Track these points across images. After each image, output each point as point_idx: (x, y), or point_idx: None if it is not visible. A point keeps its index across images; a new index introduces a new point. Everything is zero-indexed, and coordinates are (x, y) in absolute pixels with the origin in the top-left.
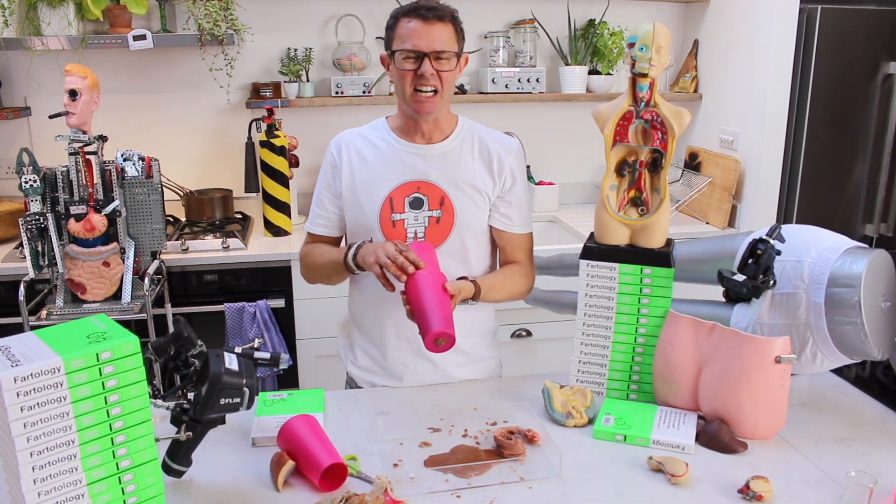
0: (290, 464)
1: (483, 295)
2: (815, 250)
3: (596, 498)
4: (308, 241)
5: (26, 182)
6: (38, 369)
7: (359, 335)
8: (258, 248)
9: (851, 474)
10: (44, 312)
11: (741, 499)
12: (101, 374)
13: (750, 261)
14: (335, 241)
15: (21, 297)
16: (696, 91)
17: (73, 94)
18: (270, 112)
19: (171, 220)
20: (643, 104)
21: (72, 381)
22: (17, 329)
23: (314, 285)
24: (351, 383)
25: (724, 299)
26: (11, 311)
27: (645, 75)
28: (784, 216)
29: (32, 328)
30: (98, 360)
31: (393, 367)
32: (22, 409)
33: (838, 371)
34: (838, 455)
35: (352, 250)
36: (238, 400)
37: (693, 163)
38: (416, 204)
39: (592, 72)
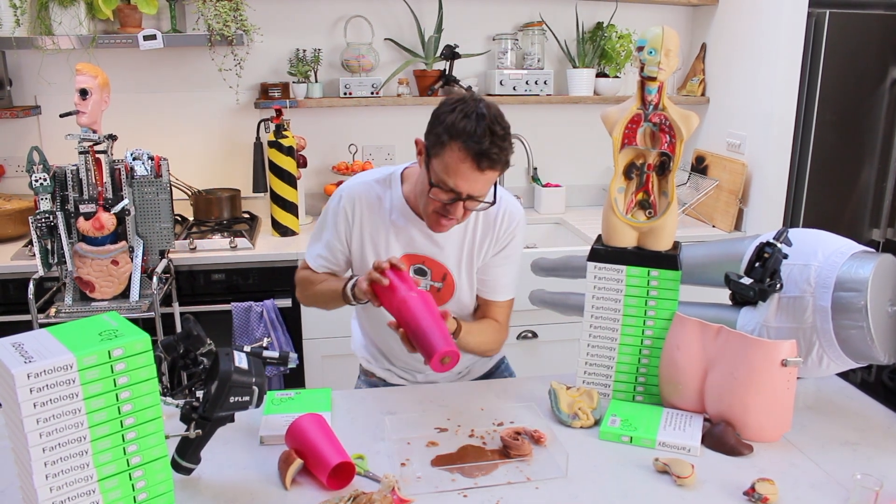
0: (298, 462)
1: (462, 335)
2: (821, 254)
3: (602, 499)
4: (304, 267)
5: (36, 180)
6: (51, 366)
7: (371, 344)
8: (266, 247)
9: (857, 477)
10: (52, 310)
11: (747, 501)
12: (112, 372)
13: (757, 264)
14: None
15: (30, 295)
16: (703, 94)
17: (83, 93)
18: (279, 112)
19: (180, 219)
20: (651, 107)
21: (84, 378)
22: (27, 326)
23: None
24: (368, 374)
25: (730, 302)
26: (21, 308)
27: (654, 79)
28: (791, 220)
29: (41, 326)
30: (110, 358)
31: (404, 372)
32: (35, 406)
33: (844, 375)
34: (844, 458)
35: (351, 282)
36: (247, 398)
37: (700, 166)
38: (421, 272)
39: (600, 74)
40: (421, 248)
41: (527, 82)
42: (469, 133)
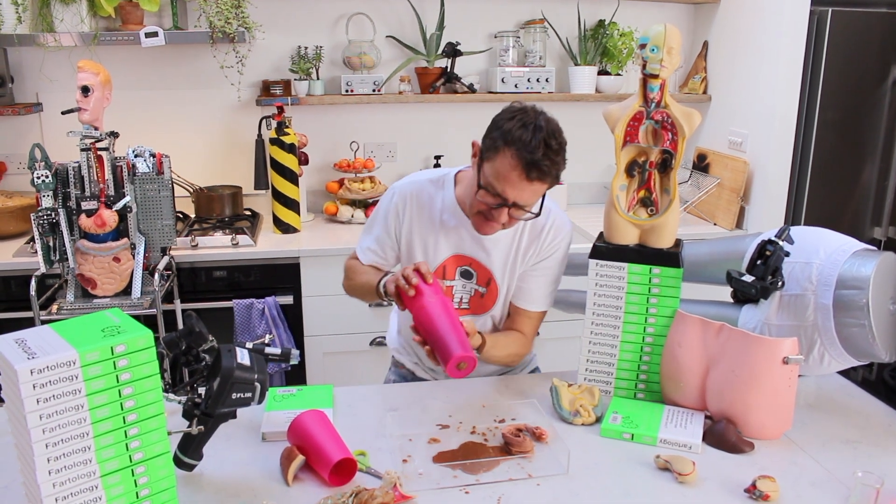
0: (300, 458)
1: (486, 349)
2: (823, 252)
3: (603, 496)
4: (353, 257)
5: (38, 177)
6: (54, 362)
7: (403, 337)
8: (267, 244)
9: (858, 475)
10: (55, 307)
11: (748, 498)
12: (115, 368)
13: (759, 262)
14: None
15: (32, 292)
16: (705, 92)
17: (85, 90)
18: (280, 110)
19: (181, 216)
20: (654, 105)
21: (87, 374)
22: (29, 323)
23: (323, 284)
24: (398, 365)
25: (732, 300)
26: (23, 305)
27: (656, 76)
28: (792, 218)
29: (43, 323)
30: (112, 354)
31: (430, 369)
32: (38, 401)
33: (845, 373)
34: (845, 456)
35: (383, 280)
36: (249, 395)
37: (701, 164)
38: (467, 275)
39: (602, 72)
40: (469, 250)
41: (528, 80)
42: (524, 142)
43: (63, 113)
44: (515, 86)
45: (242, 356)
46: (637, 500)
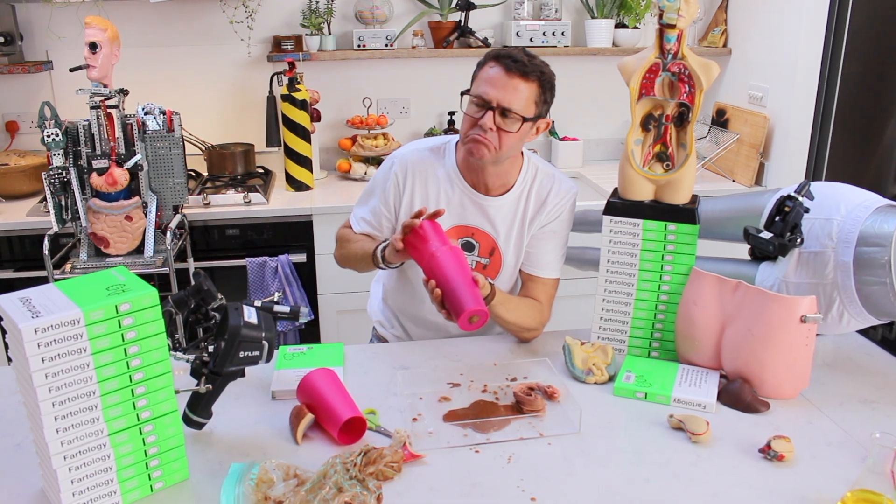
0: (309, 417)
1: (495, 303)
2: (844, 208)
3: (615, 455)
4: (346, 226)
5: (49, 136)
6: (58, 320)
7: (389, 312)
8: (280, 202)
9: (875, 435)
10: (68, 266)
11: (762, 458)
12: (120, 326)
13: (777, 218)
14: None
15: (45, 251)
16: (725, 45)
17: (93, 47)
18: (292, 66)
19: (193, 174)
20: (670, 56)
21: (91, 333)
22: (43, 282)
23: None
24: (381, 339)
25: (749, 257)
26: (36, 264)
27: (673, 26)
28: (813, 174)
29: (57, 281)
30: (117, 312)
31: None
32: (43, 360)
33: (864, 332)
34: (862, 416)
35: (382, 244)
36: (257, 353)
37: (720, 119)
38: (468, 247)
39: (619, 25)
40: (472, 219)
41: (544, 33)
42: (504, 51)
43: (71, 70)
44: (531, 40)
45: (250, 314)
46: (650, 459)
